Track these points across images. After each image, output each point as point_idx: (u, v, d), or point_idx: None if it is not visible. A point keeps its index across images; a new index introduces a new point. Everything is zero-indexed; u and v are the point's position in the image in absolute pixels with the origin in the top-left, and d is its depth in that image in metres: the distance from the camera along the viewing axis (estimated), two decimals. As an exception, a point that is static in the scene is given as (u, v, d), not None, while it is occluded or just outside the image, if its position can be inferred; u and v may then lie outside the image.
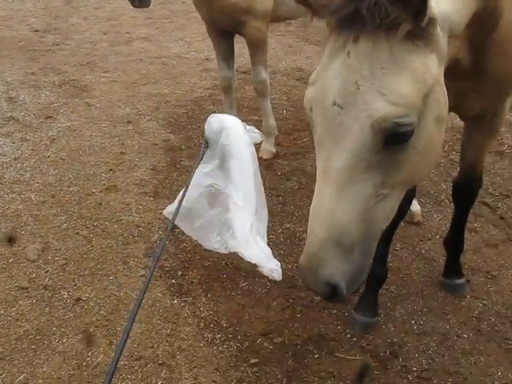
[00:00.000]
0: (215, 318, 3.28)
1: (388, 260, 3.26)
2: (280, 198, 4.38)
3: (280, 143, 5.21)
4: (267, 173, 4.63)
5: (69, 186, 4.56)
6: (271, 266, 1.82)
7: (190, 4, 5.53)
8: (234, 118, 2.40)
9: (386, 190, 1.62)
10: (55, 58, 7.69)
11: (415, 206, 4.03)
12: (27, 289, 3.46)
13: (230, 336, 3.15)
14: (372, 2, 1.48)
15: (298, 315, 3.29)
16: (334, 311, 3.31)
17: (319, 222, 1.60)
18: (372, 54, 1.54)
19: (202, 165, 2.21)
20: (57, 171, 4.79)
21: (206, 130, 2.28)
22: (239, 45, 5.14)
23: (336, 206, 1.57)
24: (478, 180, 3.09)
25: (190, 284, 3.54)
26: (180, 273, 3.62)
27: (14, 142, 5.27)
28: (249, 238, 1.95)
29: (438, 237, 3.93)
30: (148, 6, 4.38)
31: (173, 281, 3.56)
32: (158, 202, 4.36)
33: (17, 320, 3.24)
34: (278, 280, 1.78)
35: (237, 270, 3.64)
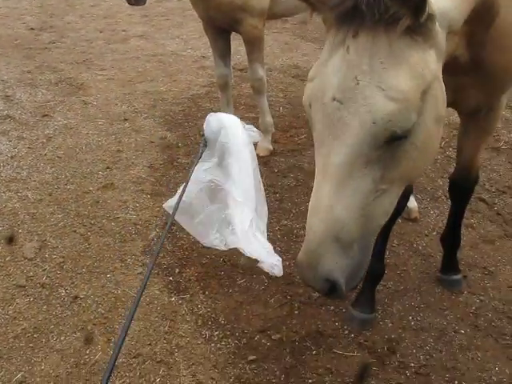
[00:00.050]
0: (213, 315, 3.28)
1: (385, 256, 3.27)
2: (277, 195, 4.38)
3: (277, 140, 5.21)
4: (264, 170, 4.63)
5: (66, 184, 4.56)
6: (272, 261, 1.82)
7: (186, 2, 5.52)
8: (233, 116, 2.40)
9: (385, 186, 1.62)
10: (51, 56, 7.67)
11: (412, 202, 4.04)
12: (25, 287, 3.46)
13: (228, 333, 3.16)
14: None
15: (296, 312, 3.29)
16: (332, 308, 3.31)
17: (318, 218, 1.60)
18: (371, 49, 1.54)
19: (200, 163, 2.20)
20: (53, 169, 4.78)
21: (205, 129, 2.27)
22: (236, 42, 5.14)
23: (335, 201, 1.57)
24: (475, 176, 3.11)
25: (188, 281, 3.54)
26: (178, 270, 3.63)
27: (10, 141, 5.26)
28: (249, 234, 1.95)
29: (434, 233, 3.94)
30: (144, 4, 4.38)
31: (170, 278, 3.56)
32: (155, 200, 4.36)
33: (14, 318, 3.23)
34: (279, 276, 1.78)
35: (234, 267, 3.65)
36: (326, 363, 2.96)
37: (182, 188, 2.09)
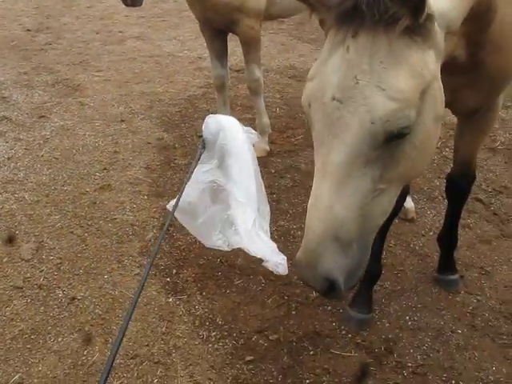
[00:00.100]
0: (210, 315, 3.28)
1: (382, 256, 3.27)
2: (274, 196, 4.38)
3: (273, 141, 5.21)
4: (261, 171, 4.60)
5: (63, 186, 4.56)
6: (277, 260, 1.81)
7: (182, 3, 5.53)
8: (232, 118, 2.39)
9: (383, 185, 1.63)
10: (48, 58, 7.67)
11: (409, 202, 4.05)
12: (22, 288, 3.46)
13: (226, 333, 3.16)
14: None
15: (293, 312, 3.29)
16: (329, 308, 3.32)
17: (318, 217, 1.60)
18: (371, 48, 1.54)
19: (200, 165, 2.19)
20: (50, 171, 4.78)
21: (204, 131, 2.27)
22: (232, 43, 5.14)
23: (335, 200, 1.57)
24: (472, 176, 3.12)
25: (185, 282, 3.54)
26: (175, 271, 3.63)
27: (7, 142, 5.25)
28: (252, 234, 1.94)
29: (431, 233, 3.95)
30: (140, 5, 4.36)
31: (168, 279, 3.56)
32: (152, 201, 4.36)
33: (12, 320, 3.23)
34: (284, 274, 1.77)
35: (231, 267, 3.65)
36: (324, 363, 2.96)
37: (183, 189, 2.09)
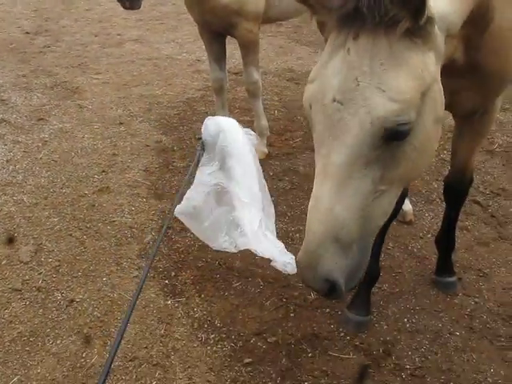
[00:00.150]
0: (209, 318, 3.29)
1: (380, 259, 3.28)
2: (272, 198, 4.32)
3: (272, 144, 5.22)
4: (260, 173, 4.64)
5: (61, 188, 4.56)
6: (285, 259, 1.81)
7: (180, 5, 5.53)
8: (231, 119, 2.40)
9: (384, 186, 1.64)
10: (46, 60, 7.68)
11: (407, 205, 4.06)
12: (20, 291, 3.46)
13: (224, 336, 3.16)
14: (372, 0, 1.50)
15: (292, 314, 3.30)
16: (328, 310, 3.32)
17: (318, 219, 1.61)
18: (372, 50, 1.56)
19: (201, 167, 2.19)
20: (49, 173, 4.78)
21: (203, 133, 2.26)
22: (231, 46, 5.15)
23: (335, 201, 1.58)
24: (469, 178, 3.13)
25: (184, 284, 3.54)
26: (173, 273, 3.63)
27: (5, 144, 5.25)
28: (259, 234, 1.94)
29: (429, 235, 3.96)
30: (138, 8, 4.36)
31: (166, 281, 3.56)
32: (151, 204, 4.36)
33: (10, 322, 3.23)
34: (292, 274, 1.77)
35: (230, 270, 3.65)
36: (322, 365, 2.97)
37: (188, 192, 2.09)
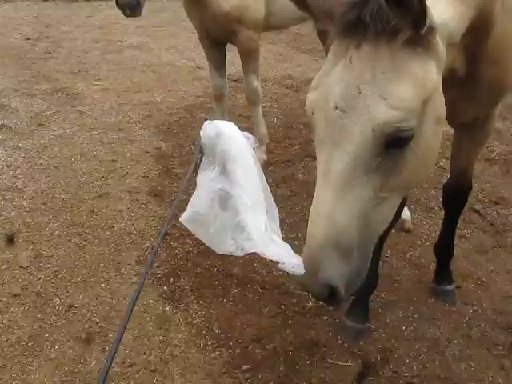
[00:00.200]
0: (207, 324, 3.29)
1: (379, 266, 3.29)
2: (272, 205, 4.38)
3: (271, 151, 5.24)
4: (259, 180, 4.64)
5: (61, 194, 4.57)
6: (293, 261, 1.80)
7: (181, 12, 5.56)
8: (230, 123, 2.40)
9: (385, 194, 1.65)
10: (47, 66, 7.70)
11: (406, 212, 4.06)
12: (19, 296, 3.45)
13: (222, 342, 3.16)
14: (374, 10, 1.52)
15: (290, 321, 3.30)
16: (326, 317, 3.32)
17: (319, 225, 1.62)
18: (374, 59, 1.58)
19: (202, 172, 2.20)
20: (49, 179, 4.79)
21: (202, 136, 2.27)
22: (230, 53, 5.17)
23: (336, 208, 1.60)
24: (468, 186, 3.15)
25: (182, 291, 3.54)
26: (172, 280, 3.63)
27: (6, 150, 5.26)
28: (265, 237, 1.94)
29: (428, 243, 3.96)
30: (139, 15, 4.38)
31: (165, 288, 3.56)
32: (150, 210, 4.37)
33: (9, 327, 3.23)
34: (301, 274, 1.77)
35: (228, 276, 3.66)
36: (320, 373, 2.96)
37: (192, 199, 2.10)
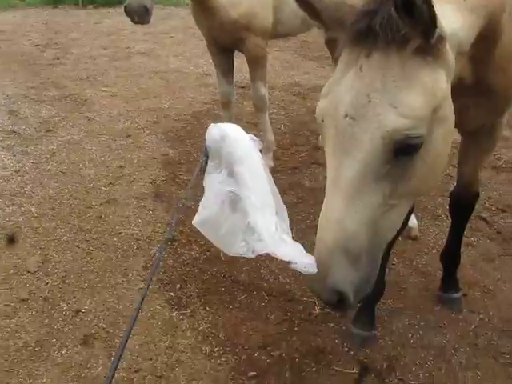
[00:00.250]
0: (213, 330, 3.29)
1: (385, 274, 3.28)
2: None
3: (278, 158, 5.25)
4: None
5: (69, 199, 4.59)
6: (305, 261, 1.80)
7: (188, 19, 5.61)
8: (235, 125, 2.40)
9: (394, 201, 1.66)
10: (56, 73, 7.77)
11: (413, 220, 4.06)
12: (27, 300, 3.47)
13: (228, 349, 3.16)
14: (384, 19, 1.54)
15: (296, 328, 3.30)
16: (332, 325, 3.32)
17: (328, 231, 1.63)
18: (384, 68, 1.59)
19: (208, 175, 2.20)
20: (57, 184, 4.82)
21: (207, 139, 2.27)
22: (238, 60, 5.19)
23: (346, 215, 1.61)
24: (475, 193, 3.15)
25: (189, 297, 3.55)
26: (179, 286, 3.64)
27: (14, 155, 5.31)
28: (275, 238, 1.95)
29: (434, 251, 3.95)
30: (148, 23, 4.40)
31: (171, 294, 3.57)
32: (157, 216, 4.39)
33: (16, 331, 3.24)
34: (313, 273, 1.77)
35: (235, 283, 3.66)
36: (326, 380, 2.96)
37: (202, 202, 2.11)
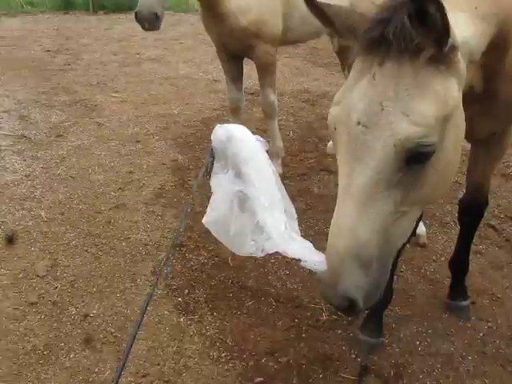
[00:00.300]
0: (221, 336, 3.30)
1: (393, 281, 3.28)
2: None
3: (287, 164, 5.26)
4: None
5: (78, 204, 4.62)
6: (315, 258, 1.80)
7: (198, 26, 5.64)
8: (241, 126, 2.40)
9: (405, 208, 1.67)
10: (66, 78, 7.82)
11: (421, 227, 4.05)
12: (36, 304, 3.49)
13: (236, 355, 3.17)
14: (398, 28, 1.54)
15: (304, 335, 3.30)
16: (340, 331, 3.32)
17: (340, 238, 1.64)
18: (397, 76, 1.60)
19: (215, 176, 2.21)
20: (66, 189, 4.85)
21: (213, 139, 2.26)
22: (247, 66, 5.21)
23: (357, 222, 1.62)
24: (485, 201, 3.15)
25: (197, 302, 3.56)
26: (187, 291, 3.65)
27: (25, 160, 5.35)
28: (285, 236, 1.95)
29: (443, 258, 3.95)
30: (158, 29, 4.43)
31: (179, 299, 3.58)
32: (166, 221, 4.41)
33: (25, 335, 3.26)
34: (322, 271, 1.77)
35: (243, 289, 3.67)
36: (333, 387, 2.97)
37: (212, 202, 2.12)
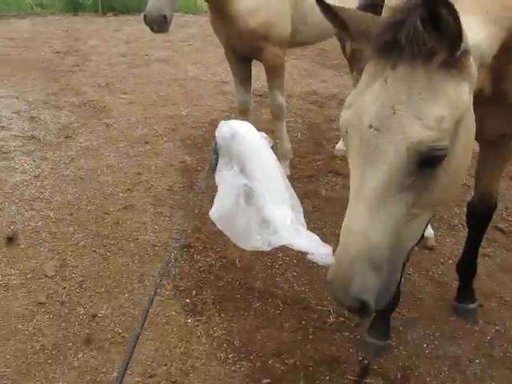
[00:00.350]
0: (228, 337, 3.30)
1: (401, 284, 3.28)
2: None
3: (294, 166, 5.27)
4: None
5: (87, 205, 4.64)
6: (322, 251, 1.81)
7: (207, 27, 5.65)
8: (246, 122, 2.39)
9: (417, 210, 1.68)
10: (75, 79, 7.87)
11: (429, 230, 4.05)
12: (45, 304, 3.51)
13: (243, 356, 3.17)
14: (410, 32, 1.55)
15: (311, 337, 3.30)
16: (347, 334, 3.32)
17: (352, 241, 1.65)
18: (409, 80, 1.60)
19: (220, 172, 2.21)
20: (75, 190, 4.87)
21: (217, 136, 2.26)
22: (256, 68, 5.21)
23: (369, 225, 1.63)
24: (493, 204, 3.14)
25: (204, 304, 3.57)
26: (194, 292, 3.66)
27: (34, 161, 5.38)
28: (291, 230, 1.96)
29: (450, 261, 3.94)
30: (167, 31, 4.44)
31: (187, 300, 3.59)
32: (174, 222, 4.42)
33: (34, 335, 3.28)
34: (329, 264, 1.77)
35: (250, 290, 3.68)
36: (340, 389, 2.97)
37: (218, 196, 2.12)
